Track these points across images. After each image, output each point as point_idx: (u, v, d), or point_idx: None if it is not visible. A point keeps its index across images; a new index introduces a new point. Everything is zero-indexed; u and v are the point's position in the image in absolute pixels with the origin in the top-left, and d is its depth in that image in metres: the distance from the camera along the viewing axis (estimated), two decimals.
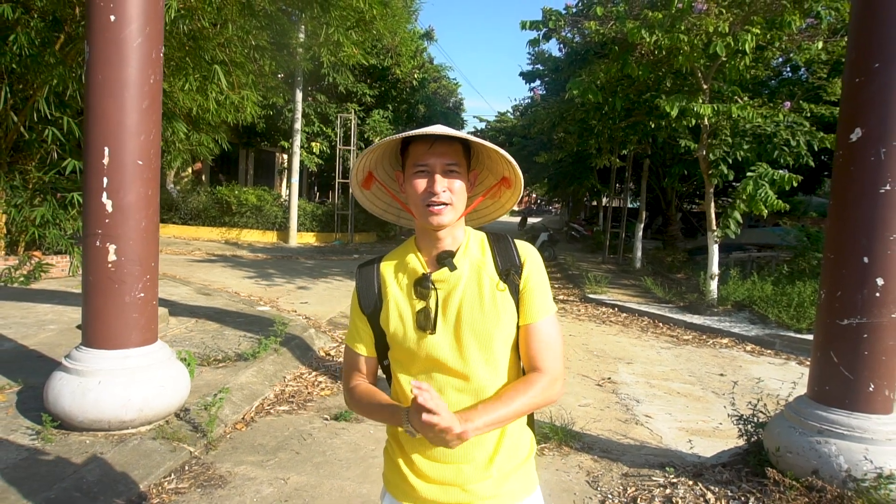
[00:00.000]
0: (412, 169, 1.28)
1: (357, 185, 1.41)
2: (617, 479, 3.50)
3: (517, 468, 1.35)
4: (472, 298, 1.30)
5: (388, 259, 1.40)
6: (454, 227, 1.32)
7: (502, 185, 1.39)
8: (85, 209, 3.39)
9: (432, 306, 1.30)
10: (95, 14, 3.28)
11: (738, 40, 7.03)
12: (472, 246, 1.35)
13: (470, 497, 1.30)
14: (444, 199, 1.25)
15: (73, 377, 3.34)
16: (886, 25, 3.00)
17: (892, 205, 3.03)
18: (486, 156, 1.37)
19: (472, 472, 1.31)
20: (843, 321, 3.16)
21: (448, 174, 1.27)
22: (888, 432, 3.05)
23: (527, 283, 1.33)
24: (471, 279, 1.31)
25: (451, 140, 1.27)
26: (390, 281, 1.36)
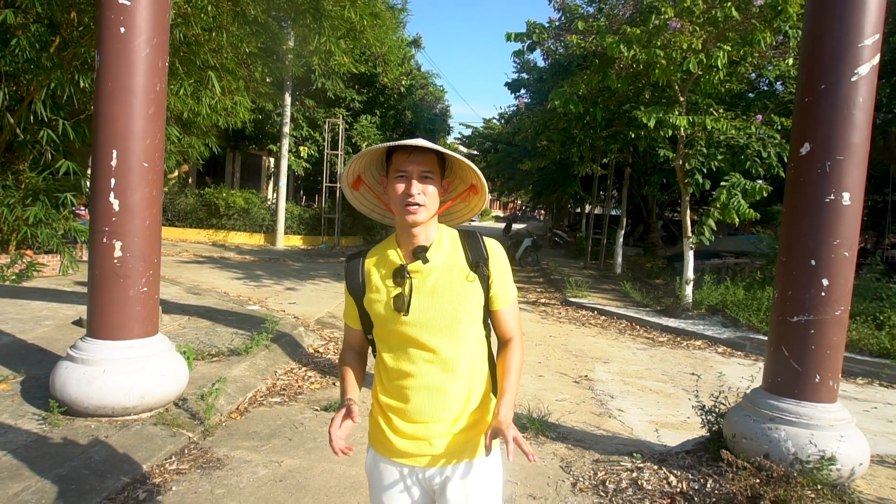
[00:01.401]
0: (394, 174, 1.51)
1: (347, 186, 1.64)
2: (588, 464, 3.77)
3: (478, 428, 1.59)
4: (443, 286, 1.54)
5: (371, 253, 1.65)
6: (428, 225, 1.55)
7: (471, 191, 1.63)
8: (92, 208, 3.61)
9: (406, 292, 1.53)
10: (106, 26, 3.51)
11: (712, 56, 7.40)
12: (444, 241, 1.59)
13: (435, 450, 1.55)
14: (419, 200, 1.48)
15: (79, 366, 3.54)
16: (831, 51, 3.33)
17: (837, 212, 3.35)
18: (458, 166, 1.60)
19: (439, 429, 1.54)
20: (793, 318, 3.47)
21: (423, 180, 1.50)
22: (831, 419, 3.36)
23: (495, 274, 1.59)
24: (442, 270, 1.55)
25: (427, 151, 1.50)
26: (373, 271, 1.60)
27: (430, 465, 1.57)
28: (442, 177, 1.57)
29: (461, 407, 1.57)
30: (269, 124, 16.68)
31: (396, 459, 1.59)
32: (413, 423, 1.55)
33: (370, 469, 1.66)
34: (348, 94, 17.87)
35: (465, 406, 1.58)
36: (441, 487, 1.58)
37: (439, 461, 1.56)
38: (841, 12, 3.29)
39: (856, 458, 3.29)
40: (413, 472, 1.59)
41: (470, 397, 1.59)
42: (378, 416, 1.63)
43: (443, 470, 1.57)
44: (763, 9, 7.46)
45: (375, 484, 1.64)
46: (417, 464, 1.57)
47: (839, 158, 3.33)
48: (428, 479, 1.58)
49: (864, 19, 3.27)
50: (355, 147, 19.34)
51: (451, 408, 1.56)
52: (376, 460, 1.64)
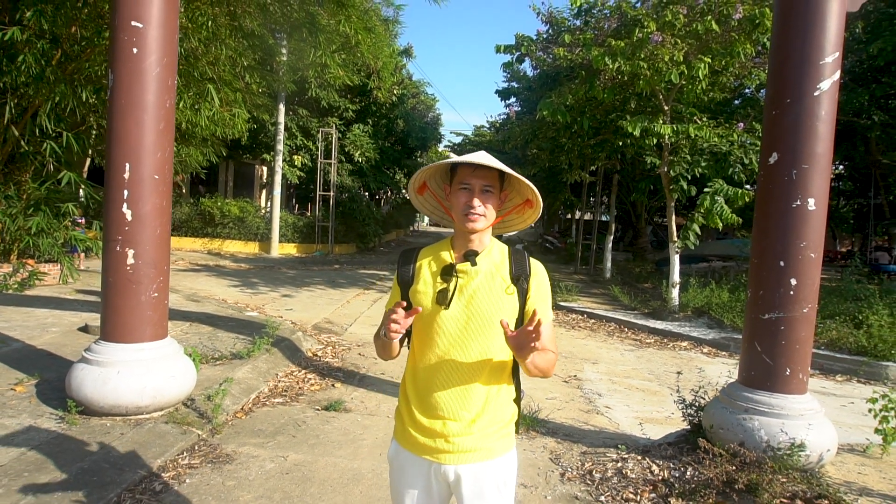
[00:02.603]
0: (458, 185, 1.67)
1: (413, 191, 1.81)
2: (576, 456, 4.00)
3: (496, 431, 1.68)
4: (484, 290, 1.66)
5: (425, 250, 1.79)
6: (483, 233, 1.71)
7: (526, 205, 1.78)
8: (106, 218, 3.81)
9: (451, 288, 1.67)
10: (119, 47, 3.73)
11: (693, 68, 7.70)
12: (494, 252, 1.73)
13: (451, 447, 1.64)
14: (479, 211, 1.64)
15: (95, 367, 3.74)
16: (795, 68, 3.60)
17: (803, 217, 3.61)
18: (516, 181, 1.72)
19: (456, 428, 1.64)
20: (764, 315, 3.72)
21: (484, 193, 1.65)
22: (801, 409, 3.61)
23: (534, 292, 1.71)
24: (486, 276, 1.68)
25: (490, 168, 1.65)
26: (424, 265, 1.74)
27: (445, 461, 1.65)
28: (500, 190, 1.72)
29: (479, 408, 1.66)
30: (264, 134, 16.89)
31: (417, 453, 1.69)
32: (432, 419, 1.66)
33: (392, 457, 1.77)
34: (341, 103, 18.13)
35: (483, 408, 1.67)
36: (456, 484, 1.67)
37: (454, 459, 1.65)
38: (804, 32, 3.56)
39: (824, 445, 3.54)
40: (430, 465, 1.68)
41: (489, 401, 1.68)
42: (403, 410, 1.76)
43: (457, 468, 1.65)
44: (742, 22, 7.78)
45: (396, 473, 1.75)
46: (435, 459, 1.66)
47: (804, 167, 3.59)
48: (444, 474, 1.67)
49: (825, 39, 3.54)
50: (348, 156, 19.58)
51: (469, 407, 1.65)
52: (398, 451, 1.75)
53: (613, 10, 9.42)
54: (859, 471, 3.86)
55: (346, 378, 5.61)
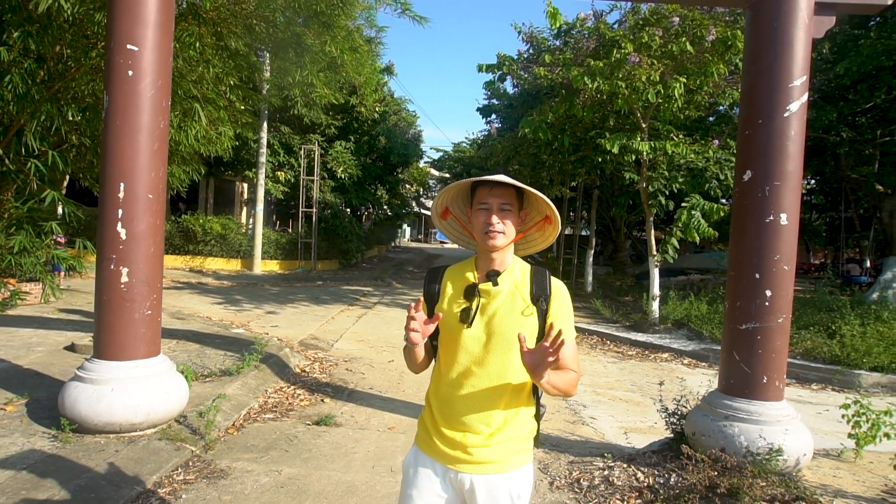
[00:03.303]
0: (477, 205, 1.74)
1: (437, 216, 1.88)
2: (564, 465, 4.11)
3: (514, 446, 1.72)
4: (505, 309, 1.72)
5: (452, 268, 1.86)
6: (505, 252, 1.76)
7: (545, 222, 1.83)
8: (100, 237, 3.86)
9: (473, 307, 1.73)
10: (115, 69, 3.81)
11: (669, 87, 7.96)
12: (515, 271, 1.77)
13: (469, 457, 1.70)
14: (498, 228, 1.69)
15: (88, 385, 3.77)
16: (766, 91, 3.81)
17: (776, 231, 3.80)
18: (534, 199, 1.77)
19: (475, 440, 1.70)
20: (742, 326, 3.89)
21: (502, 211, 1.71)
22: (778, 415, 3.77)
23: (554, 311, 1.74)
24: (508, 295, 1.73)
25: (507, 185, 1.71)
26: (449, 283, 1.81)
27: (464, 469, 1.71)
28: (520, 209, 1.77)
29: (499, 423, 1.71)
30: (246, 150, 16.91)
31: (436, 459, 1.75)
32: (453, 430, 1.72)
33: (409, 464, 1.82)
34: (324, 120, 18.23)
35: (502, 424, 1.71)
36: (470, 493, 1.71)
37: (471, 469, 1.70)
38: (773, 58, 3.77)
39: (800, 450, 3.69)
40: (447, 472, 1.73)
41: (508, 417, 1.72)
42: (427, 419, 1.81)
43: (473, 477, 1.70)
44: (715, 43, 8.08)
45: (410, 477, 1.79)
46: (453, 466, 1.72)
47: (776, 184, 3.79)
48: (459, 481, 1.72)
49: (793, 64, 3.76)
50: (330, 172, 19.66)
51: (489, 422, 1.70)
52: (417, 456, 1.80)
53: (592, 32, 9.70)
54: (834, 474, 4.02)
55: (335, 393, 5.66)
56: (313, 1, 6.82)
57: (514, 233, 1.75)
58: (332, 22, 7.48)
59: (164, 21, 3.95)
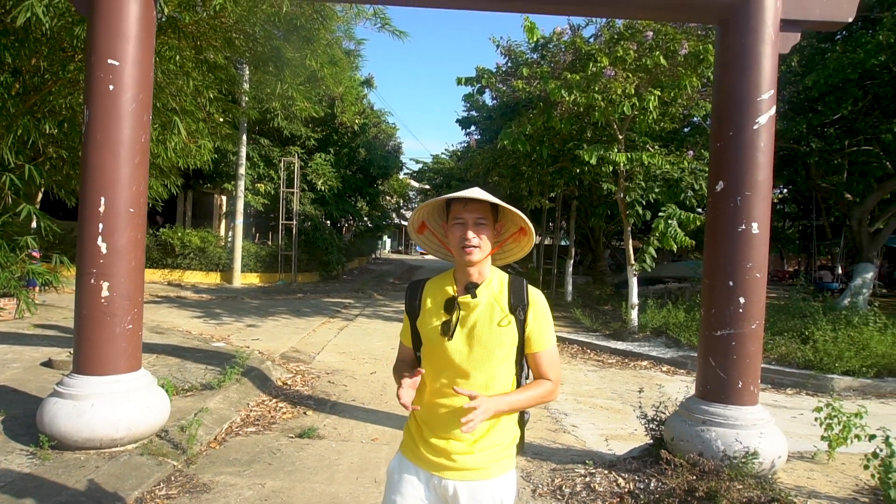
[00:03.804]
0: (453, 221, 1.78)
1: (413, 231, 1.93)
2: (546, 473, 4.15)
3: (497, 453, 1.77)
4: (484, 321, 1.76)
5: (431, 282, 1.89)
6: (482, 265, 1.79)
7: (520, 233, 1.88)
8: (80, 251, 3.84)
9: (453, 320, 1.77)
10: (95, 84, 3.81)
11: (644, 100, 8.14)
12: (493, 282, 1.81)
13: (453, 464, 1.75)
14: (474, 243, 1.73)
15: (68, 401, 3.73)
16: (736, 104, 3.94)
17: (748, 240, 3.91)
18: (508, 212, 1.82)
19: (459, 447, 1.74)
20: (717, 332, 3.99)
21: (477, 226, 1.74)
22: (753, 419, 3.86)
23: (533, 320, 1.79)
24: (487, 307, 1.77)
25: (481, 201, 1.74)
26: (429, 297, 1.85)
27: (448, 476, 1.75)
28: (495, 221, 1.81)
29: (482, 431, 1.75)
30: (224, 163, 16.82)
31: (420, 466, 1.79)
32: (437, 437, 1.77)
33: (393, 469, 1.86)
34: (304, 132, 18.22)
35: (486, 431, 1.75)
36: (454, 499, 1.75)
37: (455, 475, 1.74)
38: (742, 74, 3.91)
39: (775, 452, 3.79)
40: (430, 478, 1.78)
41: (491, 425, 1.76)
42: (412, 427, 1.86)
43: (456, 483, 1.74)
44: (687, 57, 8.28)
45: (394, 483, 1.83)
46: (437, 473, 1.76)
47: (747, 194, 3.91)
48: (443, 487, 1.76)
49: (761, 78, 3.89)
50: (310, 184, 19.62)
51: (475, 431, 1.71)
52: (401, 462, 1.84)
53: (568, 45, 9.88)
54: (808, 475, 4.12)
55: (318, 406, 5.65)
56: (293, 15, 6.86)
57: (490, 246, 1.79)
58: (313, 36, 7.53)
59: (144, 36, 3.97)
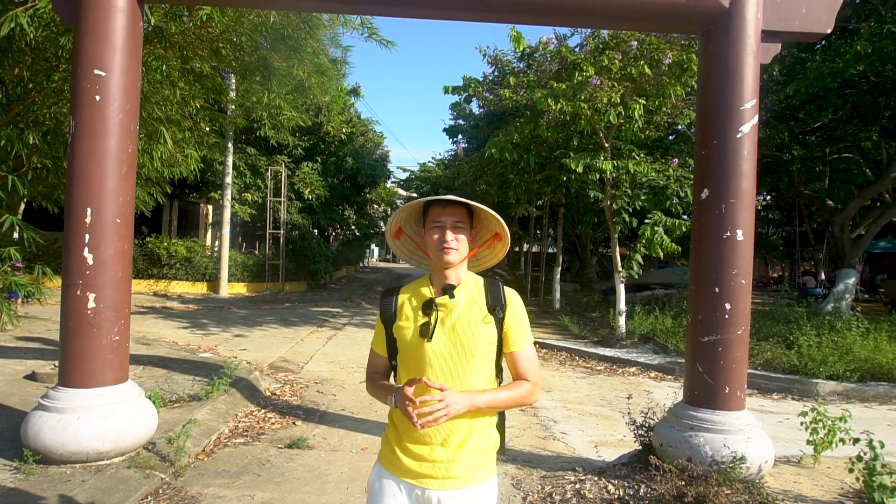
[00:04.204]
0: (430, 224, 1.79)
1: (390, 237, 1.93)
2: (536, 480, 4.16)
3: (480, 459, 1.76)
4: (464, 321, 1.76)
5: (406, 288, 1.90)
6: (458, 268, 1.81)
7: (495, 239, 1.90)
8: (66, 262, 3.80)
9: (432, 321, 1.76)
10: (82, 94, 3.79)
11: (629, 108, 8.23)
12: (470, 284, 1.84)
13: (437, 472, 1.72)
14: (452, 245, 1.75)
15: (53, 414, 3.69)
16: (719, 114, 4.00)
17: (733, 247, 3.96)
18: (485, 217, 1.85)
19: (442, 454, 1.72)
20: (703, 338, 4.03)
21: (455, 228, 1.77)
22: (741, 424, 3.90)
23: (510, 320, 1.81)
24: (465, 307, 1.79)
25: (458, 204, 1.78)
26: (406, 302, 1.85)
27: (431, 486, 1.72)
28: (471, 226, 1.84)
29: (465, 434, 1.74)
30: (211, 172, 16.74)
31: (401, 477, 1.75)
32: (420, 445, 1.74)
33: (373, 482, 1.82)
34: (291, 141, 18.19)
35: (468, 434, 1.74)
36: None
37: (440, 484, 1.71)
38: (725, 84, 3.97)
39: (762, 457, 3.83)
40: (413, 490, 1.74)
41: (474, 427, 1.76)
42: (390, 435, 1.82)
43: (440, 494, 1.71)
44: (671, 66, 8.39)
45: (376, 496, 1.79)
46: (419, 483, 1.73)
47: (732, 201, 3.96)
48: (426, 499, 1.73)
49: (744, 88, 3.96)
50: (298, 193, 19.57)
51: (456, 434, 1.73)
52: (381, 475, 1.80)
53: (554, 55, 9.97)
54: (795, 479, 4.16)
55: (307, 416, 5.62)
56: (280, 25, 6.88)
57: (468, 249, 1.82)
58: (299, 45, 7.55)
59: (131, 46, 3.96)
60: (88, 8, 3.79)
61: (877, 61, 10.63)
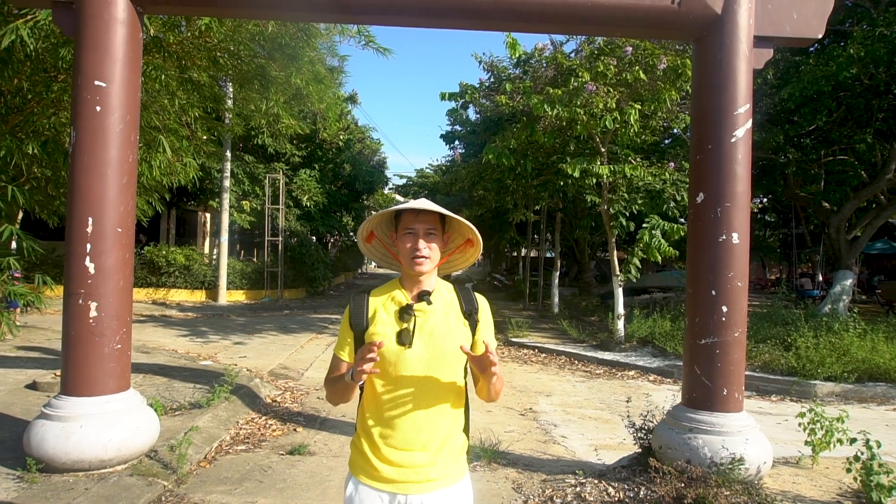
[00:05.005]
0: (403, 231, 1.78)
1: (362, 241, 1.93)
2: (537, 484, 4.18)
3: (454, 459, 1.79)
4: (442, 327, 1.77)
5: (376, 292, 1.86)
6: (430, 274, 1.82)
7: (467, 244, 1.92)
8: (68, 271, 3.83)
9: (412, 328, 1.75)
10: (82, 105, 3.83)
11: (625, 113, 8.29)
12: (443, 290, 1.85)
13: (419, 477, 1.72)
14: (424, 253, 1.75)
15: (56, 423, 3.71)
16: (713, 118, 4.05)
17: (729, 250, 4.00)
18: (456, 223, 1.86)
19: (422, 458, 1.73)
20: (701, 341, 4.06)
21: (428, 236, 1.77)
22: (739, 426, 3.93)
23: (483, 324, 1.85)
24: (441, 313, 1.80)
25: (430, 211, 1.78)
26: (380, 308, 1.80)
27: (413, 491, 1.71)
28: (443, 232, 1.85)
29: (443, 437, 1.76)
30: (209, 181, 16.78)
31: (380, 486, 1.73)
32: (399, 451, 1.72)
33: (350, 497, 1.78)
34: (289, 149, 18.24)
35: (446, 437, 1.77)
36: None
37: (421, 488, 1.72)
38: (719, 89, 4.02)
39: (760, 458, 3.86)
40: (395, 498, 1.72)
41: (450, 430, 1.79)
42: (363, 445, 1.78)
43: (422, 497, 1.72)
44: (666, 71, 8.46)
45: None
46: (400, 490, 1.71)
47: (727, 205, 4.01)
48: None
49: (737, 93, 4.01)
50: (296, 201, 19.61)
51: (434, 437, 1.75)
52: (358, 487, 1.77)
53: (550, 61, 10.04)
54: (793, 480, 4.19)
55: (308, 422, 5.64)
56: (278, 34, 6.93)
57: (439, 256, 1.83)
58: (297, 54, 7.60)
59: (132, 57, 4.00)
60: (89, 20, 3.83)
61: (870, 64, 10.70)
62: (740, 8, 4.00)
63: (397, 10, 4.16)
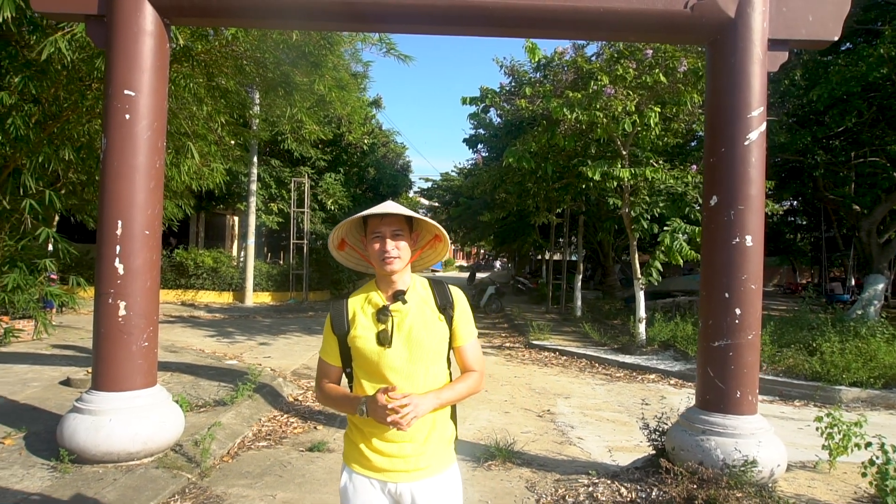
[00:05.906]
0: (371, 235, 1.87)
1: (334, 248, 2.00)
2: (550, 483, 4.24)
3: (442, 448, 1.90)
4: (419, 323, 1.86)
5: (354, 296, 1.96)
6: (403, 273, 1.90)
7: (436, 240, 2.02)
8: (99, 272, 4.02)
9: (389, 328, 1.84)
10: (112, 113, 4.02)
11: (645, 117, 8.28)
12: (418, 287, 1.94)
13: (408, 466, 1.83)
14: (393, 254, 1.84)
15: (87, 416, 3.89)
16: (727, 122, 4.06)
17: (742, 253, 4.02)
18: (423, 221, 1.94)
19: (410, 449, 1.83)
20: (714, 343, 4.08)
21: (395, 237, 1.85)
22: (752, 428, 3.94)
23: (459, 316, 1.93)
24: (417, 310, 1.88)
25: (395, 214, 1.86)
26: (358, 312, 1.90)
27: (401, 479, 1.83)
28: (411, 231, 1.93)
29: (429, 428, 1.86)
30: (236, 184, 17.13)
31: (372, 474, 1.85)
32: (388, 442, 1.83)
33: (345, 486, 1.89)
34: (314, 154, 18.53)
35: (431, 428, 1.87)
36: (411, 500, 1.84)
37: (410, 477, 1.83)
38: (732, 92, 4.04)
39: (774, 461, 3.86)
40: (385, 486, 1.84)
41: (436, 421, 1.89)
42: (355, 437, 1.90)
43: (411, 485, 1.83)
44: (686, 74, 8.43)
45: (352, 498, 1.86)
46: (390, 479, 1.83)
47: (741, 208, 4.02)
48: (399, 494, 1.84)
49: (751, 96, 4.02)
50: (321, 204, 19.89)
51: (420, 429, 1.84)
52: (351, 477, 1.88)
53: (570, 64, 10.07)
54: (809, 484, 4.17)
55: (328, 420, 5.77)
56: (302, 42, 7.11)
57: (409, 254, 1.91)
58: (320, 61, 7.77)
59: (159, 66, 4.18)
60: (118, 32, 4.02)
61: None
62: (754, 11, 4.01)
63: (411, 19, 4.26)
